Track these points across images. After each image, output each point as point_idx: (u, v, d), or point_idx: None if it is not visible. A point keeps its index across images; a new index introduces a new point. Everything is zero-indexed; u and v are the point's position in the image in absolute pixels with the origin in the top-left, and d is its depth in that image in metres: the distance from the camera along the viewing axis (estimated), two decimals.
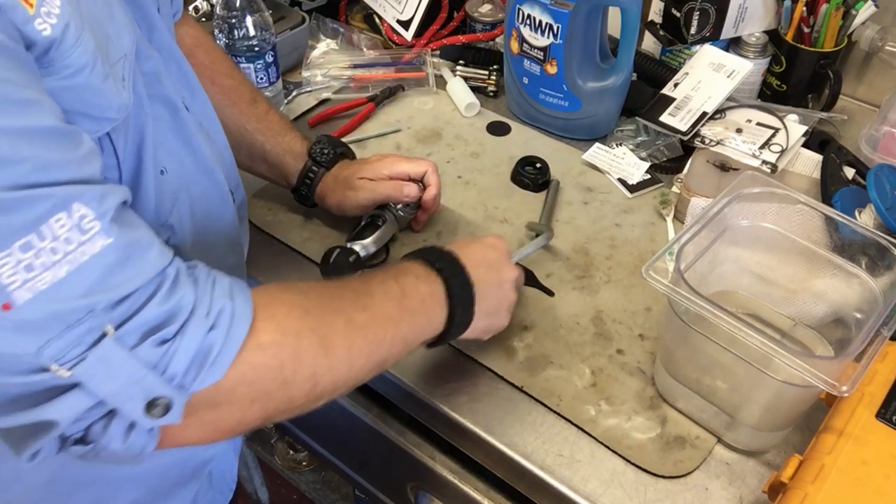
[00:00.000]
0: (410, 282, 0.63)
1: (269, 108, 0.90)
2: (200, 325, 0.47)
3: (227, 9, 1.01)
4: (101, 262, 0.44)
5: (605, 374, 0.79)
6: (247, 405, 0.51)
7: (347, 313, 0.57)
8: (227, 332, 0.48)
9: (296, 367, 0.52)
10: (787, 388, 0.65)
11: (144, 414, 0.46)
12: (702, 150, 1.00)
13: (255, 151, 0.88)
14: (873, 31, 1.08)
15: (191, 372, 0.47)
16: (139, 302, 0.45)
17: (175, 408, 0.47)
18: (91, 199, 0.44)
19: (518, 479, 0.75)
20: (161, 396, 0.46)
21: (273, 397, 0.52)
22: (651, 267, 0.67)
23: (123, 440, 0.47)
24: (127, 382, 0.45)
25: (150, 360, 0.46)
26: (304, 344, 0.53)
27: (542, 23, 1.00)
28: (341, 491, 1.54)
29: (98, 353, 0.44)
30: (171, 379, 0.46)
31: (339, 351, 0.55)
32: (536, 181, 1.00)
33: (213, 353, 0.48)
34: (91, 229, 0.44)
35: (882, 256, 0.69)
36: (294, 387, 0.53)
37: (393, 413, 0.92)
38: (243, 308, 0.50)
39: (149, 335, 0.46)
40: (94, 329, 0.44)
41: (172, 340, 0.46)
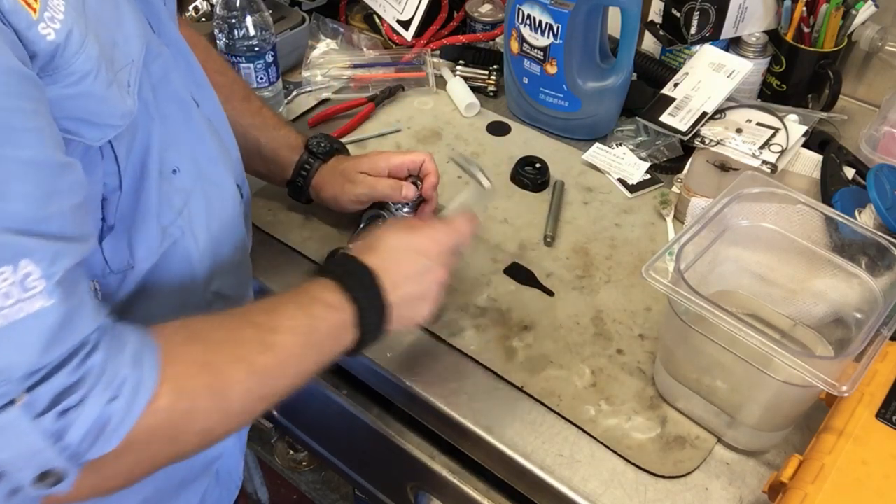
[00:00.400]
0: (320, 312, 0.61)
1: (262, 105, 0.90)
2: (102, 395, 0.46)
3: (227, 9, 1.01)
4: (35, 323, 0.43)
5: (605, 374, 0.79)
6: (132, 465, 0.51)
7: (249, 359, 0.55)
8: (129, 404, 0.47)
9: (188, 426, 0.52)
10: (787, 388, 0.65)
11: (33, 483, 0.45)
12: (702, 150, 1.00)
13: (249, 147, 0.88)
14: (873, 31, 1.08)
15: (86, 442, 0.46)
16: (54, 368, 0.44)
17: (67, 480, 0.46)
18: (42, 258, 0.43)
19: (518, 479, 0.75)
20: (54, 469, 0.45)
21: (161, 455, 0.52)
22: (651, 267, 0.67)
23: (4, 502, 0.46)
24: (23, 453, 0.44)
25: (51, 430, 0.44)
26: (200, 404, 0.52)
27: (542, 23, 1.00)
28: (341, 491, 1.53)
29: (1, 420, 0.43)
30: (65, 449, 0.45)
31: (236, 402, 0.54)
32: (536, 181, 1.00)
33: (111, 424, 0.46)
34: (34, 288, 0.42)
35: (882, 256, 0.69)
36: (184, 443, 0.53)
37: (393, 413, 0.92)
38: (149, 375, 0.49)
39: (55, 403, 0.44)
40: (3, 396, 0.43)
41: (75, 408, 0.45)
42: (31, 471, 0.45)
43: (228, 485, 0.88)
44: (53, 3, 0.44)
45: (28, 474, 0.45)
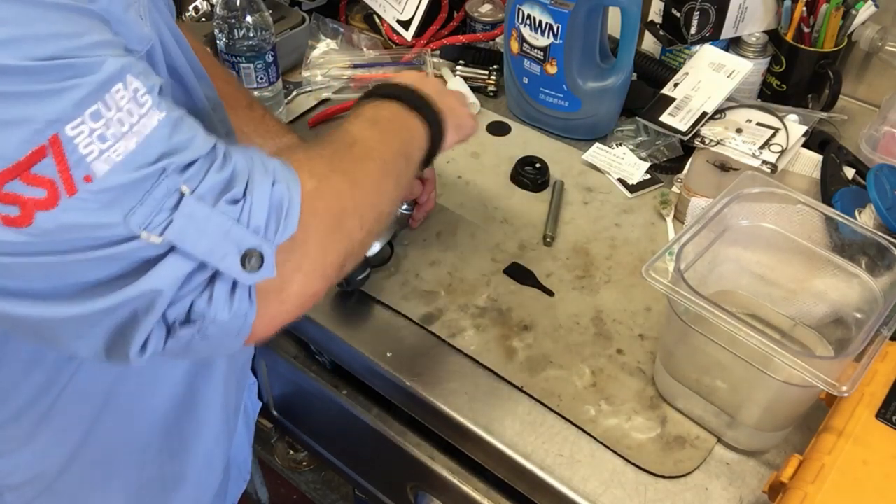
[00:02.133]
0: (371, 111, 0.67)
1: (265, 112, 0.91)
2: (264, 181, 0.48)
3: (227, 9, 1.01)
4: (161, 133, 0.45)
5: (605, 374, 0.79)
6: (321, 256, 0.53)
7: (346, 149, 0.60)
8: (289, 184, 0.50)
9: (340, 204, 0.55)
10: (787, 388, 0.65)
11: (241, 268, 0.47)
12: (702, 150, 1.00)
13: None
14: (873, 31, 1.08)
15: (271, 224, 0.48)
16: (203, 168, 0.46)
17: (267, 259, 0.48)
18: (139, 72, 0.45)
19: (518, 479, 0.75)
20: (252, 248, 0.47)
21: (336, 240, 0.54)
22: (651, 267, 0.67)
23: (229, 307, 0.47)
24: (218, 237, 0.46)
25: (233, 215, 0.47)
26: (335, 182, 0.55)
27: (542, 23, 1.00)
28: (341, 491, 1.54)
29: (183, 212, 0.45)
30: (256, 231, 0.47)
31: (362, 180, 0.58)
32: (536, 181, 1.00)
33: (284, 203, 0.49)
34: (146, 103, 0.44)
35: (882, 256, 0.69)
36: (346, 224, 0.55)
37: (393, 413, 0.92)
38: (285, 164, 0.52)
39: (220, 195, 0.47)
40: (171, 191, 0.45)
41: (244, 198, 0.47)
42: (234, 255, 0.46)
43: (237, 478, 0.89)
44: None
45: (233, 259, 0.46)
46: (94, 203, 0.42)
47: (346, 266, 0.56)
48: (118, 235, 0.44)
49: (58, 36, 0.41)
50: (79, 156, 0.41)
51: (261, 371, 1.06)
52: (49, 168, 0.41)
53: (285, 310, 0.52)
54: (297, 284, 0.52)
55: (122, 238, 0.44)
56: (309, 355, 1.00)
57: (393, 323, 0.85)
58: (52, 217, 0.42)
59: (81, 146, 0.41)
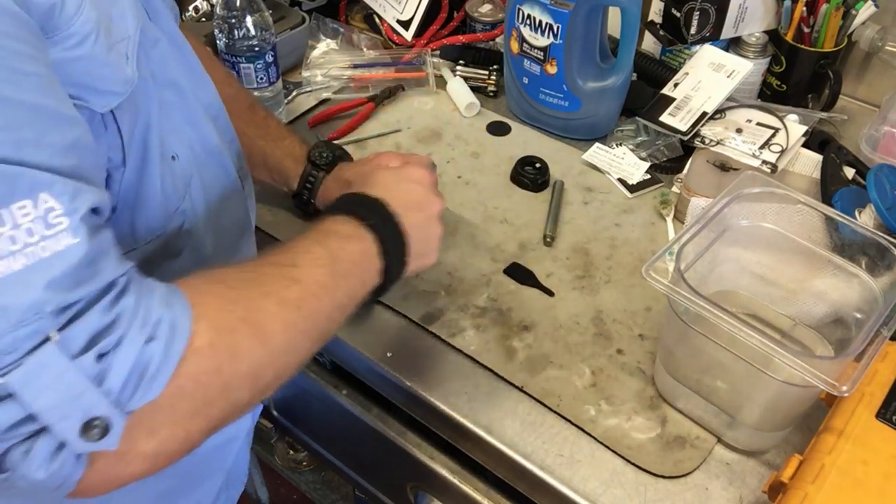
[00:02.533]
0: (336, 243, 0.60)
1: (267, 115, 0.90)
2: (138, 336, 0.44)
3: (227, 9, 1.01)
4: (62, 262, 0.41)
5: (605, 374, 0.79)
6: (188, 420, 0.48)
7: (277, 293, 0.53)
8: (167, 345, 0.45)
9: (235, 366, 0.49)
10: (787, 388, 0.65)
11: (80, 436, 0.42)
12: (702, 150, 1.00)
13: (255, 157, 0.88)
14: (873, 31, 1.08)
15: (128, 388, 0.43)
16: (85, 306, 0.42)
17: (113, 431, 0.43)
18: (61, 192, 0.41)
19: (518, 479, 0.75)
20: (100, 416, 0.43)
21: (215, 405, 0.49)
22: (651, 267, 0.67)
23: (47, 467, 0.42)
24: (66, 396, 0.41)
25: (91, 373, 0.42)
26: (239, 339, 0.49)
27: (542, 23, 1.00)
28: (341, 491, 1.54)
29: (37, 359, 0.40)
30: (108, 394, 0.43)
31: (277, 337, 0.52)
32: (536, 181, 1.00)
33: (151, 367, 0.44)
34: (58, 225, 0.41)
35: (882, 256, 0.69)
36: (235, 388, 0.50)
37: (393, 413, 0.92)
38: (183, 315, 0.47)
39: (91, 345, 0.42)
40: (37, 333, 0.40)
41: (111, 352, 0.43)
42: (75, 419, 0.42)
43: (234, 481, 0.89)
44: None
45: (73, 424, 0.42)
46: None
47: (218, 428, 0.50)
48: None
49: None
50: None
51: None
52: None
53: (129, 472, 0.47)
54: (149, 448, 0.46)
55: None
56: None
57: (393, 323, 0.85)
58: None
59: None
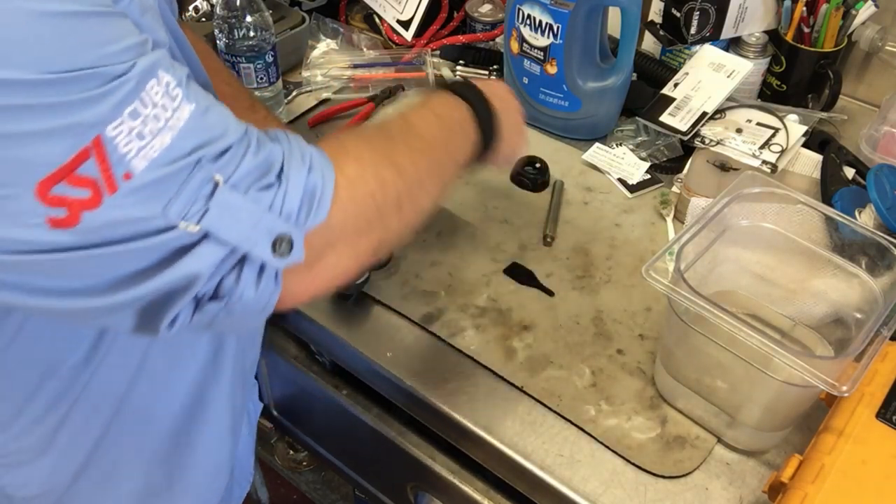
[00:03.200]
0: (442, 109, 0.68)
1: (267, 114, 0.90)
2: (299, 168, 0.50)
3: (227, 9, 1.01)
4: (193, 125, 0.46)
5: (605, 374, 0.79)
6: (355, 239, 0.54)
7: (404, 141, 0.61)
8: (323, 172, 0.51)
9: (383, 193, 0.55)
10: (787, 388, 0.65)
11: (271, 254, 0.48)
12: (702, 150, 1.00)
13: None
14: (873, 31, 1.08)
15: (303, 210, 0.49)
16: (237, 155, 0.47)
17: (297, 245, 0.49)
18: (168, 66, 0.46)
19: (518, 479, 0.75)
20: (283, 234, 0.48)
21: (373, 227, 0.55)
22: (651, 267, 0.67)
23: (255, 286, 0.49)
24: (251, 224, 0.47)
25: (265, 203, 0.48)
26: (382, 171, 0.56)
27: (542, 23, 1.00)
28: (341, 491, 1.53)
29: (218, 201, 0.46)
30: (287, 218, 0.49)
31: (411, 173, 0.59)
32: (536, 181, 1.00)
33: (317, 191, 0.50)
34: (177, 96, 0.45)
35: (882, 256, 0.69)
36: (386, 214, 0.56)
37: (393, 413, 0.92)
38: (322, 152, 0.53)
39: (254, 183, 0.48)
40: (205, 181, 0.46)
41: (278, 185, 0.48)
42: (265, 241, 0.48)
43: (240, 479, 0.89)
44: None
45: (265, 245, 0.48)
46: (134, 198, 0.44)
47: (379, 251, 0.58)
48: (157, 227, 0.45)
49: (89, 45, 0.42)
50: (119, 155, 0.43)
51: (261, 372, 1.06)
52: (92, 169, 0.42)
53: (314, 285, 0.54)
54: (329, 262, 0.53)
55: (161, 228, 0.45)
56: (309, 356, 1.00)
57: (393, 323, 0.85)
58: (96, 216, 0.43)
59: (121, 145, 0.43)
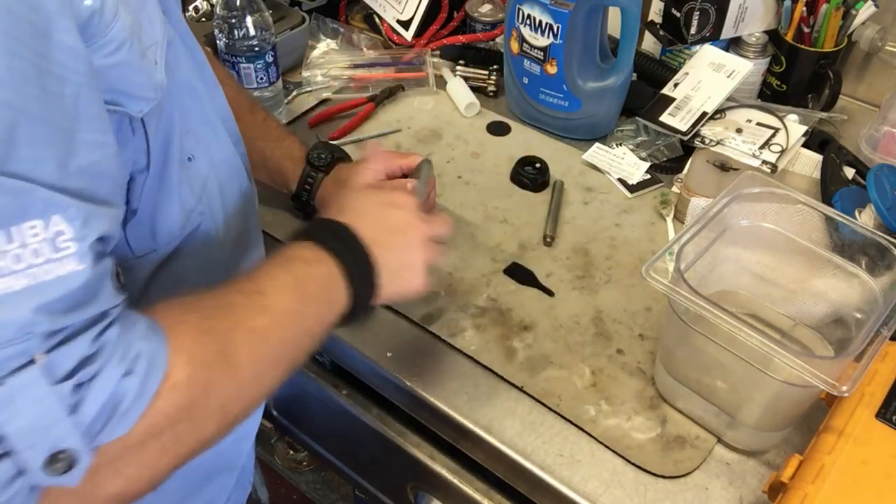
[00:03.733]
0: (301, 268, 0.59)
1: (266, 116, 0.90)
2: (116, 369, 0.43)
3: (227, 9, 1.01)
4: (62, 286, 0.41)
5: (605, 374, 0.79)
6: (157, 459, 0.47)
7: (246, 322, 0.53)
8: (143, 381, 0.44)
9: (206, 401, 0.49)
10: (787, 388, 0.65)
11: (42, 467, 0.41)
12: (702, 150, 1.00)
13: (255, 158, 0.88)
14: (873, 31, 1.08)
15: (99, 420, 0.43)
16: (73, 332, 0.42)
17: (79, 466, 0.42)
18: (74, 217, 0.41)
19: (518, 479, 0.75)
20: (67, 449, 0.42)
21: (184, 442, 0.48)
22: (651, 267, 0.67)
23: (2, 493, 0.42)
24: (39, 423, 0.41)
25: (68, 401, 0.41)
26: (214, 373, 0.49)
27: (542, 23, 1.00)
28: (341, 491, 1.54)
29: (19, 380, 0.40)
30: (79, 424, 0.42)
31: (246, 369, 0.51)
32: (536, 181, 1.00)
33: (124, 402, 0.44)
34: (65, 249, 0.41)
35: (882, 256, 0.69)
36: (204, 424, 0.49)
37: (393, 413, 0.92)
38: (160, 351, 0.46)
39: (73, 373, 0.42)
40: (24, 353, 0.40)
41: (89, 382, 0.42)
42: (43, 449, 0.41)
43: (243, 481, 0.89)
44: None
45: (39, 453, 0.41)
46: None
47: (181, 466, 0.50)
48: None
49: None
50: None
51: None
52: None
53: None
54: (115, 489, 0.46)
55: None
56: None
57: (393, 323, 0.85)
58: None
59: None
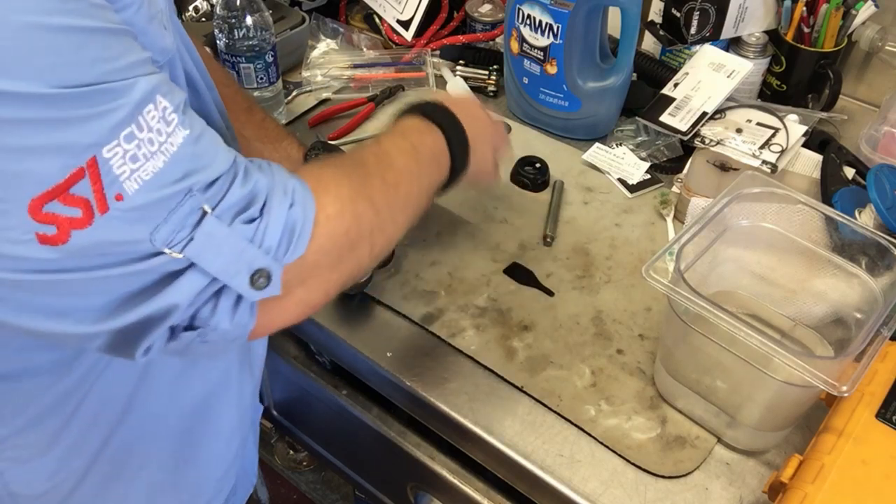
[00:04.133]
0: (417, 136, 0.69)
1: (265, 116, 0.90)
2: (282, 202, 0.50)
3: (227, 9, 1.01)
4: (186, 151, 0.46)
5: (605, 374, 0.79)
6: (328, 274, 0.55)
7: (379, 175, 0.61)
8: (304, 207, 0.52)
9: (358, 229, 0.57)
10: (787, 388, 0.65)
11: (249, 286, 0.49)
12: (702, 150, 1.00)
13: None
14: (873, 31, 1.08)
15: (282, 245, 0.50)
16: (225, 185, 0.48)
17: (274, 278, 0.50)
18: (167, 91, 0.46)
19: (518, 479, 0.75)
20: (262, 268, 0.49)
21: (345, 262, 0.57)
22: (651, 267, 0.67)
23: (231, 317, 0.50)
24: (232, 256, 0.48)
25: (247, 235, 0.48)
26: (359, 208, 0.57)
27: (542, 23, 1.00)
28: (341, 491, 1.54)
29: (203, 230, 0.46)
30: (267, 251, 0.49)
31: (384, 209, 0.60)
32: (536, 181, 1.00)
33: (297, 227, 0.51)
34: (172, 121, 0.46)
35: (882, 256, 0.69)
36: (358, 249, 0.57)
37: (393, 413, 0.92)
38: (304, 186, 0.53)
39: (238, 214, 0.48)
40: (194, 210, 0.46)
41: (260, 218, 0.49)
42: (244, 274, 0.48)
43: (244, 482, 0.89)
44: None
45: (243, 278, 0.48)
46: (123, 221, 0.44)
47: (348, 284, 0.59)
48: (144, 251, 0.45)
49: (94, 61, 0.42)
50: (112, 176, 0.43)
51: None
52: (85, 188, 0.42)
53: (285, 316, 0.55)
54: (300, 296, 0.54)
55: (148, 254, 0.45)
56: (309, 356, 1.00)
57: (393, 323, 0.85)
58: (85, 235, 0.43)
59: (115, 167, 0.43)
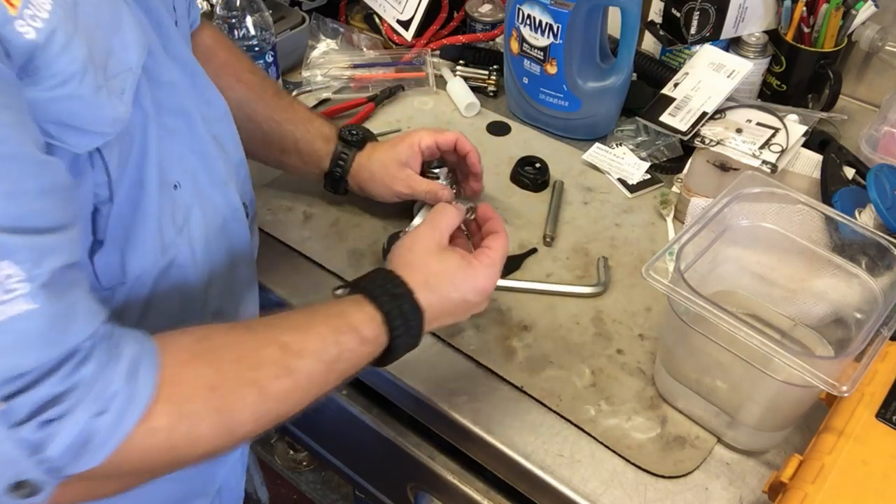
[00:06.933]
0: (353, 345, 0.59)
1: (292, 100, 0.91)
2: (89, 408, 0.44)
3: (227, 9, 1.01)
4: (16, 327, 0.41)
5: (605, 374, 0.79)
6: (126, 480, 0.49)
7: (263, 383, 0.53)
8: (117, 420, 0.45)
9: (190, 448, 0.50)
10: (787, 388, 0.65)
11: (6, 493, 0.43)
12: (702, 150, 1.00)
13: (286, 142, 0.88)
14: (873, 31, 1.08)
15: (67, 456, 0.44)
16: (38, 376, 0.42)
17: (42, 493, 0.44)
18: (25, 258, 0.41)
19: (518, 479, 0.75)
20: (29, 480, 0.43)
21: (157, 472, 0.50)
22: (651, 267, 0.67)
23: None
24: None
25: (29, 441, 0.42)
26: (203, 428, 0.49)
27: (542, 23, 1.00)
28: (341, 491, 1.54)
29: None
30: (43, 461, 0.43)
31: (245, 425, 0.52)
32: (536, 181, 1.00)
33: (95, 439, 0.44)
34: (15, 290, 0.40)
35: (882, 256, 0.69)
36: (183, 461, 0.50)
37: (393, 413, 0.92)
38: (143, 390, 0.46)
39: (37, 413, 0.42)
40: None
41: (58, 421, 0.43)
42: (4, 480, 0.42)
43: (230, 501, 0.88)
44: (38, 1, 0.43)
45: (1, 483, 0.43)
46: None
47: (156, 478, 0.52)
48: None
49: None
50: None
51: None
52: None
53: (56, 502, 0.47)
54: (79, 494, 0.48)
55: None
56: None
57: None
58: None
59: None
